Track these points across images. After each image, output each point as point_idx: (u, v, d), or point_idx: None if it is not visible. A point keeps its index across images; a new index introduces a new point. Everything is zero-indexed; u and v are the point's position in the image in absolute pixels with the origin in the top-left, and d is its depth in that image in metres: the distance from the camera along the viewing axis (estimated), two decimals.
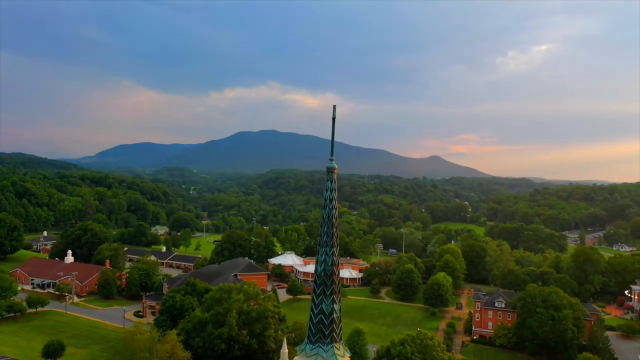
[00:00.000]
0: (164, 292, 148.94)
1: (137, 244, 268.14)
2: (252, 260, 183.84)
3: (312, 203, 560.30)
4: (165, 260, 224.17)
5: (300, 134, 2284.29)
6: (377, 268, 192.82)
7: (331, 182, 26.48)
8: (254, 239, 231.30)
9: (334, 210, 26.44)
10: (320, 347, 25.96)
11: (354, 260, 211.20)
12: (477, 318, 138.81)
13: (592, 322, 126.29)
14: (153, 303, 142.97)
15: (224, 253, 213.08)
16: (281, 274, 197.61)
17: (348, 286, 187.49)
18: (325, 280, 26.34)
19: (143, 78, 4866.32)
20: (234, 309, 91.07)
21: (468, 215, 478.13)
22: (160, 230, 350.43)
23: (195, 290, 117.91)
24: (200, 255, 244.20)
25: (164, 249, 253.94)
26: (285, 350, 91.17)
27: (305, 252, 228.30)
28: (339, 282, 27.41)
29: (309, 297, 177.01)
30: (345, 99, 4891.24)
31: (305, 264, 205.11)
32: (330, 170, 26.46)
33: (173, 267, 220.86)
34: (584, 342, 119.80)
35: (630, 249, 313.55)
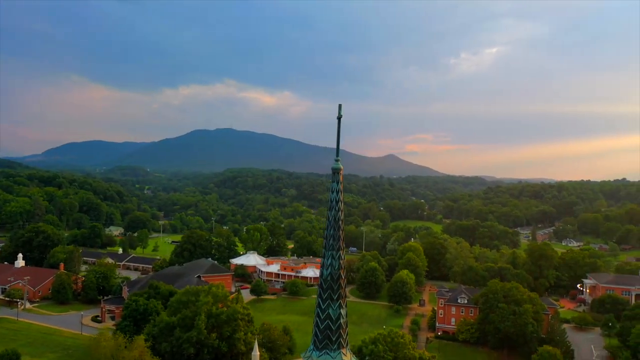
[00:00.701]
0: (124, 295, 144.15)
1: (92, 246, 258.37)
2: (215, 261, 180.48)
3: (271, 202, 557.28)
4: (123, 263, 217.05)
5: (257, 133, 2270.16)
6: None
7: (337, 183, 25.66)
8: (215, 239, 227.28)
9: (340, 212, 25.63)
10: (328, 353, 25.17)
11: (317, 259, 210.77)
12: (441, 314, 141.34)
13: (550, 316, 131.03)
14: (112, 307, 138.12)
15: (184, 254, 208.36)
16: (244, 275, 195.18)
17: (312, 285, 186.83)
18: (332, 284, 25.55)
19: (93, 73, 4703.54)
20: (202, 311, 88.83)
21: (425, 213, 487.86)
22: (115, 231, 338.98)
23: (159, 294, 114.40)
24: (158, 257, 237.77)
25: (120, 250, 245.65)
26: (256, 352, 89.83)
27: (268, 252, 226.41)
28: (345, 286, 26.70)
29: (273, 297, 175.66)
30: (302, 98, 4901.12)
31: (268, 263, 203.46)
32: (335, 171, 25.64)
33: (131, 270, 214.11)
34: (542, 336, 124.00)
35: (578, 244, 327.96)
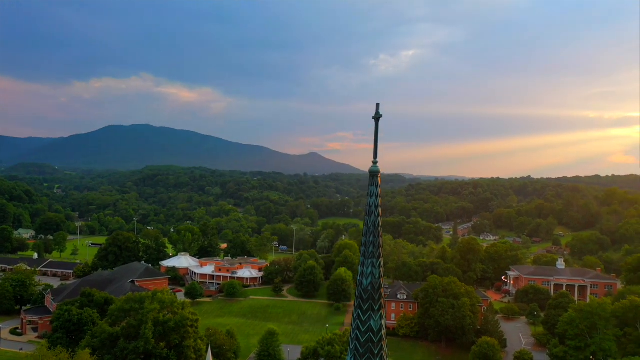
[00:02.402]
0: (47, 304, 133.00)
1: (0, 251, 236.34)
2: (150, 265, 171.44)
3: (196, 201, 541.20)
4: (39, 268, 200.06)
5: (177, 129, 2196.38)
6: (277, 266, 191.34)
7: (375, 186, 24.29)
8: (142, 241, 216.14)
9: (379, 218, 24.29)
10: None
11: (252, 259, 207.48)
12: None
13: (483, 308, 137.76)
14: (34, 318, 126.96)
15: (109, 257, 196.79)
16: (176, 277, 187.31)
17: (249, 286, 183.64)
18: (373, 294, 24.19)
19: None
20: (149, 319, 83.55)
21: (352, 210, 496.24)
22: (25, 234, 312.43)
23: (92, 302, 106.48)
24: (79, 261, 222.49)
25: (35, 255, 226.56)
26: (210, 359, 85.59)
27: (200, 253, 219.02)
28: (384, 296, 25.46)
29: (209, 299, 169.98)
30: (224, 95, 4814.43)
31: (202, 265, 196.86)
32: (374, 175, 24.27)
33: (49, 276, 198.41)
34: (478, 327, 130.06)
35: (495, 237, 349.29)
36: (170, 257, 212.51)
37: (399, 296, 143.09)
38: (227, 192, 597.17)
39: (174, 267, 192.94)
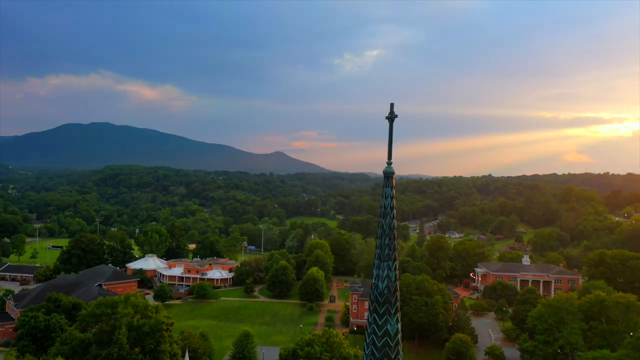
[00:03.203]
0: (8, 311, 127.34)
1: None
2: (117, 268, 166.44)
3: (160, 201, 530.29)
4: None
5: (138, 128, 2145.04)
6: (248, 267, 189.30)
7: (390, 188, 23.92)
8: (107, 242, 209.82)
9: (394, 220, 23.97)
10: None
11: (222, 260, 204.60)
12: (355, 310, 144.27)
13: (454, 305, 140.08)
14: None
15: (73, 260, 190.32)
16: (143, 280, 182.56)
17: (219, 287, 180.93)
18: (389, 297, 23.80)
19: None
20: (123, 324, 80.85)
21: (319, 209, 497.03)
22: None
23: (60, 307, 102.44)
24: (39, 265, 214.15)
25: None
26: None
27: (167, 255, 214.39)
28: (399, 299, 25.09)
29: (178, 302, 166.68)
30: (187, 93, 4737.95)
31: (170, 267, 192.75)
32: (388, 176, 23.87)
33: (7, 280, 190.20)
34: (450, 324, 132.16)
35: (460, 235, 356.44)
36: (136, 259, 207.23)
37: None
38: (192, 191, 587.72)
39: (141, 269, 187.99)
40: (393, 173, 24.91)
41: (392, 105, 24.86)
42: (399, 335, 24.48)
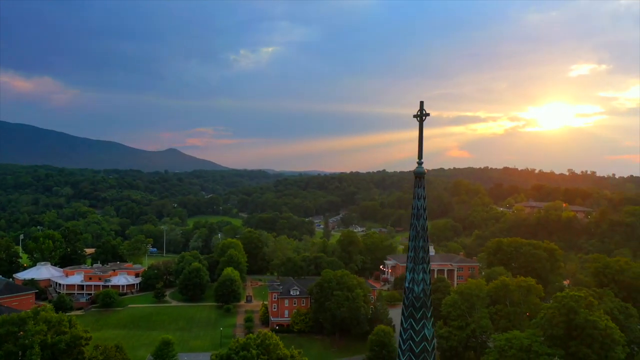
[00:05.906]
0: None
1: None
2: (10, 279, 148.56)
3: (44, 203, 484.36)
4: None
5: (10, 122, 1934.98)
6: (156, 270, 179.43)
7: (422, 188, 23.68)
8: None
9: (427, 222, 23.64)
10: None
11: (126, 265, 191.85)
12: (274, 308, 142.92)
13: (371, 297, 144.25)
14: None
15: None
16: (37, 291, 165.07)
17: (125, 294, 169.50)
18: (426, 301, 23.40)
19: None
20: (35, 343, 72.27)
21: (221, 208, 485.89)
22: None
23: None
24: None
25: None
26: None
27: (63, 262, 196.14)
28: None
29: (80, 312, 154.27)
30: (68, 85, 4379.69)
31: (67, 274, 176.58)
32: (419, 176, 23.55)
33: None
34: (369, 316, 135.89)
35: (362, 229, 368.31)
36: (25, 268, 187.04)
37: (292, 292, 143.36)
38: (80, 192, 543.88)
39: (32, 279, 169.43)
40: (424, 173, 24.54)
41: (421, 103, 24.15)
42: (435, 340, 24.23)
